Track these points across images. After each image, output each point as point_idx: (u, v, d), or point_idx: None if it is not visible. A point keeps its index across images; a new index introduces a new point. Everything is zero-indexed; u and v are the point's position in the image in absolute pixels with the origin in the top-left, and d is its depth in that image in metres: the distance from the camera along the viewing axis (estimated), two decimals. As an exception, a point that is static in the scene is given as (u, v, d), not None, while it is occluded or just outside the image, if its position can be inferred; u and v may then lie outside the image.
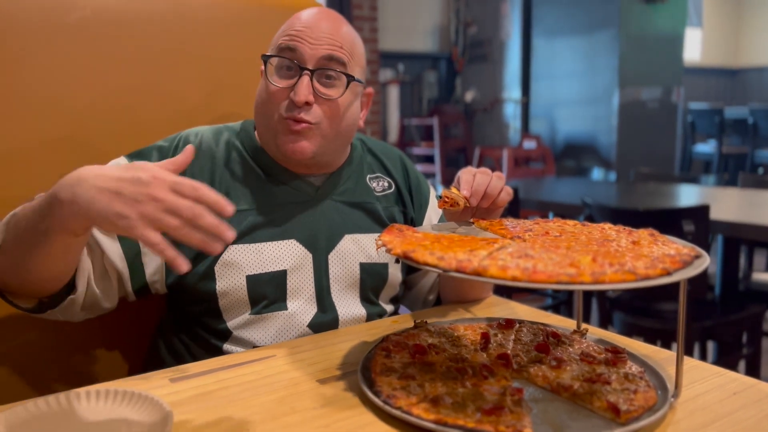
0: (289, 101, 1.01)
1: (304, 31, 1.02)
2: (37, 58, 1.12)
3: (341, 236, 1.09)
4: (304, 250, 1.06)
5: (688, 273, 0.69)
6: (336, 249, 1.08)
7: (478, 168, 1.01)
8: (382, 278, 1.13)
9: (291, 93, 1.01)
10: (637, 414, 0.71)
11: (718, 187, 3.33)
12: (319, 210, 1.09)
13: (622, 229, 0.91)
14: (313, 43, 1.01)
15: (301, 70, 1.01)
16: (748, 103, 6.91)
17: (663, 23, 5.15)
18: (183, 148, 0.99)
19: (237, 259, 1.02)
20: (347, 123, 1.07)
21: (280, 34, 1.06)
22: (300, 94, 0.99)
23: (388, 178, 1.20)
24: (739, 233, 2.22)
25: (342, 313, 1.08)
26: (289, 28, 1.04)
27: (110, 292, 1.01)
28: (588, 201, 2.32)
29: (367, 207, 1.14)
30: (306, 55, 1.01)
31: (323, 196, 1.10)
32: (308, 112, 1.01)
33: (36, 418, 0.73)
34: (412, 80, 6.43)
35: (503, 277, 0.67)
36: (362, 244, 1.11)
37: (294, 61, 1.01)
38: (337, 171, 1.13)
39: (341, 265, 1.09)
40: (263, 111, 1.05)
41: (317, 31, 1.02)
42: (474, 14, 6.21)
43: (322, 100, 1.02)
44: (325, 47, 1.02)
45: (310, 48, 1.01)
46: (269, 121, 1.04)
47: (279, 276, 1.04)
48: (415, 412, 0.70)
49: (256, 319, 1.03)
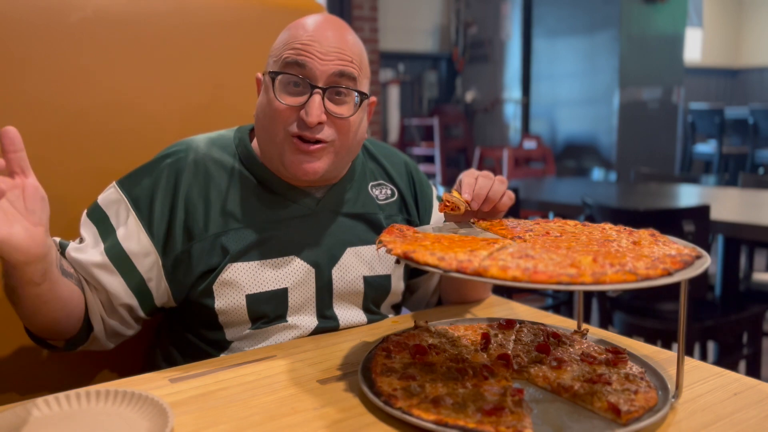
0: (299, 120, 0.96)
1: (312, 45, 0.96)
2: (37, 58, 1.12)
3: (344, 250, 1.07)
4: (307, 266, 1.03)
5: (688, 273, 0.69)
6: (339, 263, 1.06)
7: (481, 171, 1.00)
8: (384, 290, 1.12)
9: (301, 112, 0.96)
10: (638, 414, 0.71)
11: (719, 188, 3.33)
12: (320, 224, 1.06)
13: (622, 229, 0.90)
14: (322, 58, 0.95)
15: (311, 88, 0.95)
16: (749, 104, 6.91)
17: (663, 23, 5.15)
18: (172, 177, 1.01)
19: (236, 278, 0.99)
20: (358, 139, 1.03)
21: (283, 46, 0.98)
22: (312, 115, 0.94)
23: (391, 185, 1.17)
24: (739, 233, 2.22)
25: (343, 322, 1.07)
26: (294, 40, 0.97)
27: (127, 321, 1.02)
28: (588, 201, 2.32)
29: (370, 218, 1.11)
30: (317, 72, 0.95)
31: (324, 209, 1.07)
32: (321, 132, 0.97)
33: (36, 419, 0.73)
34: (412, 80, 6.43)
35: (504, 278, 0.66)
36: (365, 257, 1.09)
37: (304, 79, 0.96)
38: (338, 182, 1.09)
39: (344, 280, 1.07)
40: (268, 128, 0.99)
41: (325, 44, 0.96)
42: (474, 14, 6.20)
43: (333, 119, 0.97)
44: (335, 63, 0.96)
45: (320, 64, 0.95)
46: (274, 138, 0.99)
47: (280, 294, 1.02)
48: (415, 413, 0.70)
49: (256, 333, 1.02)
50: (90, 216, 1.01)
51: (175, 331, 1.07)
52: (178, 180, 1.01)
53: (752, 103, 7.03)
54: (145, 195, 1.00)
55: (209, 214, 1.00)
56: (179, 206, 1.00)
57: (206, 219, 1.00)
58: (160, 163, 1.04)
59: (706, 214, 2.09)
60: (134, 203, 1.00)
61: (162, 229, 0.99)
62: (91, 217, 1.01)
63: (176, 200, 1.00)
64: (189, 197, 1.01)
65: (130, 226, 0.99)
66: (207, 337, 1.03)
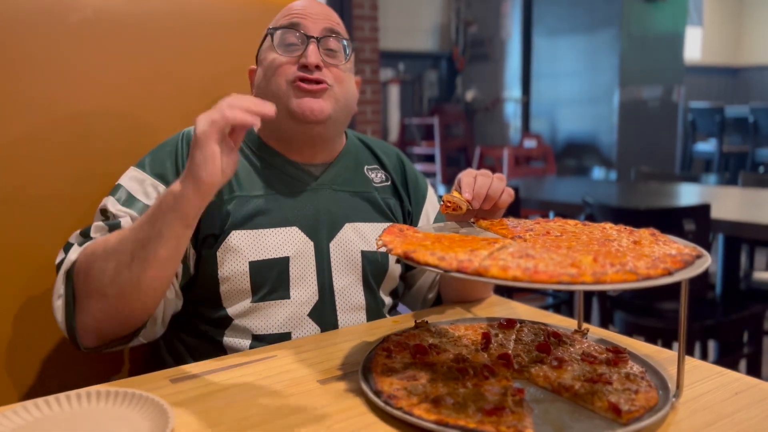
0: (298, 66, 1.05)
1: (303, 10, 1.09)
2: (37, 58, 1.12)
3: (342, 225, 1.10)
4: (306, 238, 1.07)
5: (689, 273, 0.69)
6: (337, 237, 1.09)
7: (479, 170, 1.01)
8: (383, 267, 1.14)
9: (300, 59, 1.05)
10: (639, 414, 0.71)
11: (719, 186, 3.33)
12: (319, 199, 1.10)
13: (623, 228, 0.90)
14: (314, 18, 1.08)
15: (307, 39, 1.06)
16: (749, 102, 6.90)
17: (664, 22, 5.14)
18: (187, 144, 1.06)
19: (239, 244, 1.02)
20: (351, 92, 1.12)
21: (277, 20, 1.11)
22: (312, 57, 1.04)
23: (384, 171, 1.21)
24: (740, 232, 2.22)
25: (341, 302, 1.08)
26: (287, 12, 1.11)
27: (171, 300, 1.02)
28: (589, 200, 2.31)
29: (367, 196, 1.15)
30: (310, 27, 1.07)
31: (323, 186, 1.11)
32: (320, 74, 1.05)
33: (36, 419, 0.73)
34: (412, 79, 6.42)
35: (504, 278, 0.66)
36: (363, 232, 1.12)
37: (300, 32, 1.07)
38: (334, 161, 1.14)
39: (343, 254, 1.09)
40: (271, 85, 1.07)
41: (314, 10, 1.10)
42: (474, 13, 6.20)
43: (329, 66, 1.07)
44: (324, 21, 1.09)
45: (312, 21, 1.08)
46: (278, 91, 1.06)
47: (282, 262, 1.04)
48: (416, 413, 0.70)
49: (257, 307, 1.03)
50: (118, 198, 1.02)
51: (178, 318, 1.07)
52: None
53: (753, 101, 7.02)
54: (168, 169, 1.04)
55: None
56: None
57: None
58: (172, 140, 1.09)
59: (706, 213, 2.09)
60: (160, 178, 1.04)
61: None
62: (120, 200, 1.02)
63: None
64: None
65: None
66: (209, 317, 1.04)
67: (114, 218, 1.00)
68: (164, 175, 1.04)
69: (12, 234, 1.09)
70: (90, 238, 0.98)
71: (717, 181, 3.65)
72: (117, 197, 1.02)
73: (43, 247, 1.11)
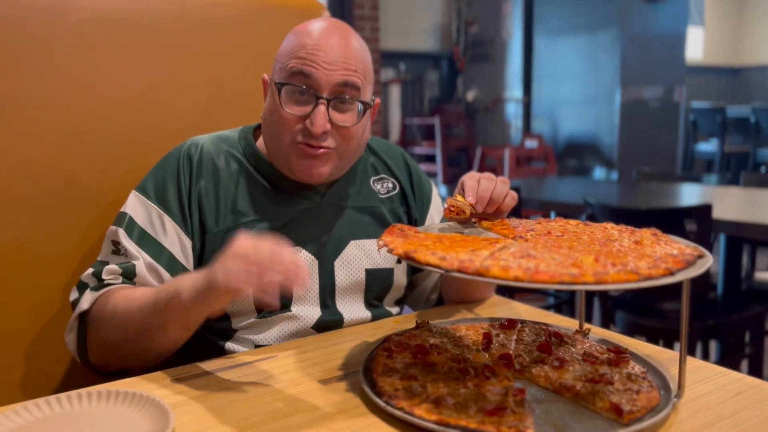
0: (304, 128, 1.00)
1: (317, 54, 0.98)
2: (38, 58, 1.12)
3: (347, 242, 1.09)
4: (311, 257, 1.06)
5: (691, 273, 0.69)
6: (342, 255, 1.09)
7: (482, 173, 1.01)
8: (387, 283, 1.13)
9: (306, 121, 0.99)
10: (640, 414, 0.71)
11: (721, 187, 3.33)
12: (324, 217, 1.09)
13: (624, 228, 0.90)
14: (327, 68, 0.98)
15: (316, 98, 0.98)
16: (751, 102, 6.89)
17: (665, 22, 5.14)
18: (187, 167, 1.05)
19: None
20: (361, 143, 1.08)
21: (289, 54, 1.00)
22: (317, 126, 0.97)
23: (392, 178, 1.19)
24: (741, 232, 2.22)
25: (347, 316, 1.09)
26: (299, 49, 0.99)
27: None
28: (590, 200, 2.31)
29: (373, 211, 1.14)
30: (321, 82, 0.98)
31: (328, 203, 1.10)
32: (325, 140, 1.00)
33: (37, 419, 0.72)
34: (413, 80, 6.42)
35: (505, 278, 0.66)
36: (367, 250, 1.11)
37: (309, 89, 0.99)
38: (341, 178, 1.12)
39: (347, 272, 1.09)
40: (275, 133, 1.03)
41: (330, 53, 0.98)
42: (475, 13, 6.20)
43: (337, 127, 1.01)
44: (339, 73, 0.98)
45: (324, 74, 0.98)
46: (281, 144, 1.03)
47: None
48: (417, 413, 0.70)
49: (261, 321, 1.04)
50: (128, 230, 1.01)
51: None
52: (192, 175, 1.05)
53: (754, 101, 7.01)
54: (170, 194, 1.03)
55: (219, 210, 1.04)
56: (194, 202, 1.04)
57: (216, 215, 1.04)
58: (172, 160, 1.07)
59: (708, 213, 2.08)
60: (163, 207, 1.02)
61: (189, 222, 1.03)
62: (130, 233, 1.01)
63: (191, 195, 1.04)
64: (200, 194, 1.04)
65: (170, 234, 1.02)
66: (213, 326, 1.04)
67: (126, 256, 0.99)
68: (167, 203, 1.03)
69: (12, 234, 1.09)
70: (103, 282, 0.98)
71: (718, 181, 3.65)
72: (126, 228, 1.00)
73: (44, 247, 1.11)
